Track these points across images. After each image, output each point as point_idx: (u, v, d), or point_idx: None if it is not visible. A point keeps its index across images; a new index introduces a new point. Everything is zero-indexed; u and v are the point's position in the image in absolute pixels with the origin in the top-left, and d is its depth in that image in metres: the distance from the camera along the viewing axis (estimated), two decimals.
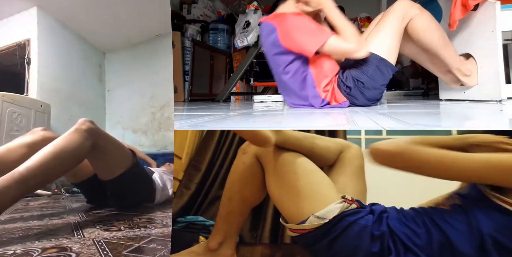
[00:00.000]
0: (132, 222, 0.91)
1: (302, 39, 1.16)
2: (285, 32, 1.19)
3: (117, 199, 1.19)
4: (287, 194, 0.63)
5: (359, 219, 0.57)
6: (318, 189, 0.62)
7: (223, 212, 0.74)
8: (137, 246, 0.64)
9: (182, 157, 1.15)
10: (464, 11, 1.21)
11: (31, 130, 1.11)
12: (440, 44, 1.18)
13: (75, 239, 0.70)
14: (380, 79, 1.19)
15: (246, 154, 0.71)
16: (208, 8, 2.75)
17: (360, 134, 1.32)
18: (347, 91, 1.21)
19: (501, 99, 1.18)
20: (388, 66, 1.19)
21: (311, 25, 1.16)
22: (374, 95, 1.23)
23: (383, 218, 0.57)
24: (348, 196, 0.59)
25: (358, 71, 1.19)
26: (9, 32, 2.55)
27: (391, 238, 0.54)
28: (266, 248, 0.97)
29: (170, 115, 2.82)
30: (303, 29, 1.16)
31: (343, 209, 0.57)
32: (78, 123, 0.93)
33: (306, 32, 1.16)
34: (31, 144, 1.01)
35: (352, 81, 1.19)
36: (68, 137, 0.89)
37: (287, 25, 1.19)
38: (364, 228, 0.55)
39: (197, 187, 1.11)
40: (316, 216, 0.57)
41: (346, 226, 0.56)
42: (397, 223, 0.56)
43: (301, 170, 0.64)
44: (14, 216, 1.02)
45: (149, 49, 3.06)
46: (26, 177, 0.75)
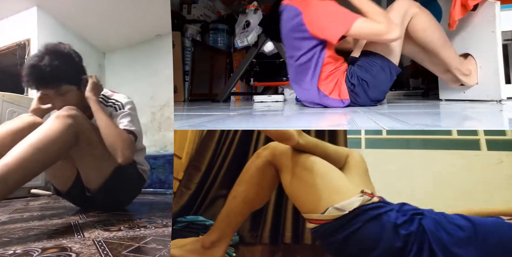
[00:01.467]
0: (132, 222, 0.91)
1: (328, 24, 1.14)
2: (311, 17, 1.18)
3: (106, 207, 1.13)
4: (307, 190, 0.64)
5: (382, 214, 0.57)
6: (337, 184, 0.64)
7: (225, 210, 0.75)
8: (137, 246, 0.64)
9: (182, 156, 1.15)
10: (464, 11, 1.21)
11: (19, 116, 1.02)
12: (439, 44, 1.19)
13: (75, 239, 0.70)
14: (383, 79, 1.20)
15: (260, 157, 0.73)
16: (208, 8, 2.75)
17: (360, 134, 1.32)
18: (351, 88, 1.21)
19: (501, 99, 1.18)
20: (391, 67, 1.19)
21: (337, 9, 1.15)
22: (377, 96, 1.23)
23: (416, 219, 0.57)
24: (367, 190, 0.60)
25: (362, 70, 1.20)
26: (9, 32, 2.55)
27: (418, 240, 0.53)
28: (266, 248, 0.97)
29: (170, 115, 2.82)
30: (329, 13, 1.15)
31: (364, 202, 0.58)
32: (61, 110, 0.85)
33: (332, 16, 1.14)
34: (19, 131, 0.92)
35: (357, 80, 1.20)
36: (48, 125, 0.80)
37: (313, 10, 1.17)
38: (386, 224, 0.55)
39: (197, 187, 1.11)
40: (335, 207, 0.58)
41: (367, 219, 0.56)
42: (434, 228, 0.55)
43: (320, 168, 0.66)
44: (14, 216, 1.02)
45: (149, 49, 3.06)
46: (5, 176, 0.70)
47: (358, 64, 1.22)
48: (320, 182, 0.64)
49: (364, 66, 1.20)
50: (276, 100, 2.08)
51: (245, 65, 2.19)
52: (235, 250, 0.91)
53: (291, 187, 0.68)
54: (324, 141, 0.76)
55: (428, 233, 0.54)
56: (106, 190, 1.02)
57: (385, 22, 1.08)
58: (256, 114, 1.16)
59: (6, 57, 2.57)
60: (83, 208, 1.21)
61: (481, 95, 1.26)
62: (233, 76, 2.25)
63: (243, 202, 0.73)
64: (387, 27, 1.08)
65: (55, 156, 0.82)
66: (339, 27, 1.12)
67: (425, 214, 0.59)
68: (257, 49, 2.13)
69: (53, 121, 0.81)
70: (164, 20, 2.44)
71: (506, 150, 1.18)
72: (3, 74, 2.72)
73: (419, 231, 0.54)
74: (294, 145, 0.68)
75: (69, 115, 0.83)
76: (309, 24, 1.18)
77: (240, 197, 0.73)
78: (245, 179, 0.74)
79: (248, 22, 2.21)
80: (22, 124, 0.95)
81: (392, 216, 0.57)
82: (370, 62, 1.19)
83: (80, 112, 0.87)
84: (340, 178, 0.66)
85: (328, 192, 0.62)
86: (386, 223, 0.55)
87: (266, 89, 2.72)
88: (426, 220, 0.57)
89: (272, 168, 0.72)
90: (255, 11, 2.22)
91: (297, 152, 0.69)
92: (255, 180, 0.73)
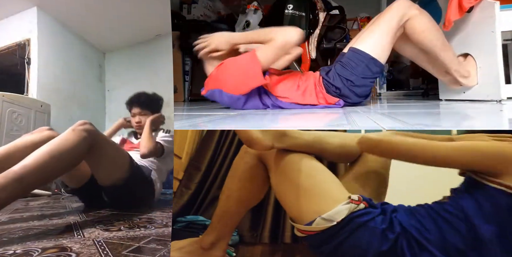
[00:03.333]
0: (132, 222, 0.91)
1: (244, 78, 1.16)
2: (228, 86, 1.19)
3: (117, 205, 1.18)
4: (293, 194, 0.61)
5: (369, 220, 0.55)
6: (324, 189, 0.61)
7: (220, 211, 0.73)
8: (137, 246, 0.64)
9: (182, 156, 1.16)
10: (460, 12, 1.21)
11: (38, 128, 1.12)
12: (438, 45, 1.18)
13: (75, 239, 0.70)
14: (369, 77, 1.18)
15: (248, 153, 0.70)
16: (208, 8, 2.75)
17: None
18: (337, 93, 1.19)
19: (501, 99, 1.18)
20: (378, 66, 1.17)
21: (237, 65, 1.17)
22: (364, 92, 1.21)
23: (393, 218, 0.57)
24: (354, 196, 0.57)
25: (346, 70, 1.17)
26: (9, 32, 2.55)
27: (405, 239, 0.53)
28: (266, 247, 0.97)
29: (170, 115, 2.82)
30: (235, 72, 1.17)
31: (351, 210, 0.56)
32: (76, 124, 0.92)
33: (239, 72, 1.16)
34: (37, 143, 0.99)
35: (340, 81, 1.17)
36: (64, 136, 0.87)
37: (223, 81, 1.19)
38: (374, 230, 0.54)
39: (197, 187, 1.11)
40: (323, 218, 0.55)
41: (355, 228, 0.55)
42: (408, 219, 0.56)
43: (306, 170, 0.62)
44: (14, 216, 1.02)
45: (149, 49, 3.05)
46: (21, 176, 0.74)
47: (341, 63, 1.19)
48: (305, 185, 0.60)
49: (348, 65, 1.17)
50: None
51: None
52: (235, 250, 0.91)
53: (278, 187, 0.65)
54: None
55: (407, 228, 0.54)
56: (117, 187, 1.10)
57: (273, 38, 1.11)
58: (256, 114, 1.16)
59: (6, 57, 2.57)
60: (89, 206, 1.26)
61: (481, 95, 1.26)
62: None
63: (238, 201, 0.71)
64: (280, 37, 1.10)
65: (68, 164, 0.88)
66: (252, 70, 1.12)
67: (397, 210, 0.59)
68: None
69: (69, 133, 0.89)
70: (164, 20, 2.44)
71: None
72: (3, 74, 2.72)
73: (402, 230, 0.54)
74: (269, 149, 0.63)
75: (84, 129, 0.91)
76: (232, 90, 1.19)
77: (234, 196, 0.71)
78: (236, 176, 0.72)
79: (248, 22, 2.21)
80: (40, 137, 1.04)
81: (378, 221, 0.56)
82: (356, 61, 1.16)
83: (93, 126, 0.97)
84: (328, 181, 0.62)
85: (313, 198, 0.59)
86: (374, 229, 0.54)
87: None
88: (400, 216, 0.57)
89: (262, 164, 0.69)
90: (255, 11, 2.22)
91: (283, 150, 0.65)
92: (247, 178, 0.70)
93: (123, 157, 1.12)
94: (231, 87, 1.19)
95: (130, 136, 1.66)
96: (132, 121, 1.61)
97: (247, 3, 2.34)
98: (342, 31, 2.06)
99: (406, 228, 0.54)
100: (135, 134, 1.65)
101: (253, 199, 0.73)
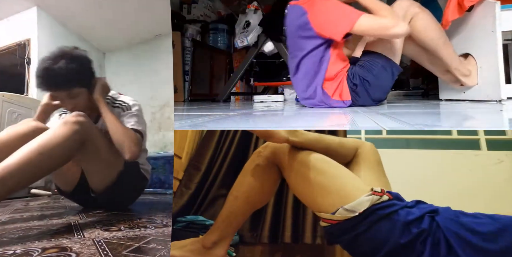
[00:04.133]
0: (132, 222, 0.91)
1: (332, 22, 1.15)
2: (316, 15, 1.18)
3: (110, 207, 1.16)
4: (313, 189, 0.62)
5: (392, 213, 0.56)
6: (344, 182, 0.62)
7: (226, 211, 0.73)
8: (137, 246, 0.64)
9: (182, 156, 1.15)
10: (461, 11, 1.21)
11: (23, 120, 1.03)
12: (439, 44, 1.19)
13: (75, 239, 0.70)
14: (385, 78, 1.20)
15: (261, 156, 0.71)
16: (208, 8, 2.75)
17: (360, 134, 1.32)
18: (353, 88, 1.21)
19: (501, 99, 1.18)
20: (393, 66, 1.19)
21: (342, 7, 1.15)
22: (379, 95, 1.24)
23: (427, 216, 0.56)
24: (377, 188, 0.58)
25: (364, 69, 1.20)
26: (9, 32, 2.55)
27: (432, 237, 0.53)
28: (266, 247, 0.97)
29: (170, 115, 2.82)
30: (333, 12, 1.15)
31: (374, 202, 0.56)
32: (68, 115, 0.86)
33: (336, 14, 1.14)
34: (22, 135, 0.93)
35: (359, 80, 1.20)
36: (55, 131, 0.81)
37: (318, 9, 1.18)
38: (396, 222, 0.54)
39: (197, 187, 1.11)
40: (345, 208, 0.56)
41: (377, 220, 0.55)
42: (449, 223, 0.54)
43: (323, 166, 0.64)
44: (14, 216, 1.02)
45: (149, 49, 3.06)
46: (3, 177, 0.70)
47: (359, 64, 1.22)
48: (323, 180, 0.62)
49: (366, 66, 1.20)
50: (276, 100, 2.08)
51: (245, 65, 2.19)
52: (235, 249, 0.91)
53: (296, 186, 0.66)
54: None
55: (443, 229, 0.53)
56: (110, 191, 1.04)
57: (390, 17, 1.08)
58: (256, 114, 1.17)
59: (6, 57, 2.57)
60: (86, 207, 1.23)
61: (481, 95, 1.26)
62: (233, 76, 2.25)
63: (246, 202, 0.72)
64: (393, 21, 1.08)
65: (59, 161, 0.83)
66: (343, 24, 1.12)
67: (440, 212, 0.58)
68: (257, 49, 2.13)
69: (60, 127, 0.82)
70: (164, 20, 2.44)
71: (506, 149, 1.18)
72: (3, 74, 2.72)
73: (432, 228, 0.54)
74: (284, 142, 0.66)
75: (77, 121, 0.84)
76: (314, 23, 1.18)
77: (242, 197, 0.72)
78: (246, 178, 0.72)
79: (248, 22, 2.21)
80: (26, 129, 0.96)
81: (402, 214, 0.56)
82: (371, 61, 1.19)
83: (87, 118, 0.89)
84: (345, 174, 0.64)
85: (333, 190, 0.60)
86: (396, 222, 0.54)
87: (266, 89, 2.72)
88: (441, 217, 0.56)
89: (274, 166, 0.70)
90: (255, 11, 2.22)
91: (296, 149, 0.67)
92: (257, 180, 0.71)
93: (118, 155, 1.02)
94: (317, 23, 1.17)
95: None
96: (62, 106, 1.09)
97: (247, 3, 2.34)
98: None
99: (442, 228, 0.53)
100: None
101: (261, 200, 0.74)
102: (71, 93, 1.01)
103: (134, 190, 1.22)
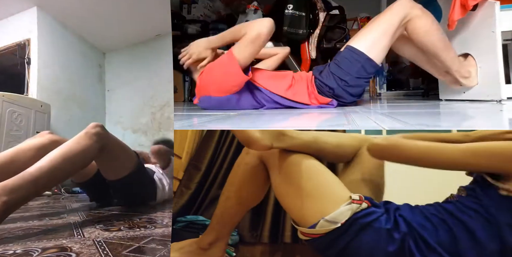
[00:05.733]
0: (132, 222, 0.91)
1: (226, 78, 1.14)
2: (214, 90, 1.18)
3: (121, 198, 1.23)
4: (295, 196, 0.60)
5: (374, 221, 0.54)
6: (327, 191, 0.59)
7: (219, 211, 0.73)
8: (137, 246, 0.64)
9: (182, 156, 1.16)
10: (463, 11, 1.21)
11: (39, 133, 1.16)
12: (440, 46, 1.16)
13: (75, 239, 0.70)
14: (363, 77, 1.16)
15: (250, 154, 0.69)
16: (208, 8, 2.75)
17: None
18: (331, 93, 1.17)
19: (501, 99, 1.18)
20: (373, 66, 1.15)
21: (216, 68, 1.16)
22: (358, 92, 1.20)
23: (397, 217, 0.55)
24: (355, 195, 0.56)
25: (340, 69, 1.15)
26: (9, 32, 2.55)
27: (412, 238, 0.52)
28: (266, 247, 0.97)
29: (170, 115, 2.82)
30: (216, 75, 1.16)
31: (354, 210, 0.54)
32: (89, 127, 0.96)
33: (220, 73, 1.15)
34: (40, 147, 1.04)
35: (334, 81, 1.15)
36: (77, 139, 0.92)
37: (208, 86, 1.18)
38: (379, 231, 0.53)
39: (197, 187, 1.11)
40: (326, 220, 0.54)
41: (360, 229, 0.53)
42: (413, 216, 0.55)
43: (308, 171, 0.61)
44: (14, 216, 1.02)
45: (149, 49, 3.06)
46: (36, 177, 0.77)
47: (336, 64, 1.17)
48: (306, 186, 0.59)
49: (343, 65, 1.15)
50: None
51: None
52: (235, 249, 0.91)
53: (279, 189, 0.63)
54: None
55: (413, 225, 0.53)
56: (124, 181, 1.13)
57: (248, 29, 1.09)
58: (256, 114, 1.16)
59: (6, 57, 2.57)
60: (98, 201, 1.33)
61: (481, 95, 1.26)
62: None
63: (238, 202, 0.71)
64: (252, 30, 1.08)
65: (80, 166, 0.92)
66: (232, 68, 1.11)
67: (400, 208, 0.58)
68: None
69: (82, 137, 0.93)
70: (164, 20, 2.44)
71: None
72: (3, 74, 2.72)
73: (409, 229, 0.53)
74: (267, 149, 0.62)
75: (96, 132, 0.95)
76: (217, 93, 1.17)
77: (233, 197, 0.71)
78: (236, 177, 0.71)
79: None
80: (43, 141, 1.08)
81: (382, 221, 0.54)
82: (352, 61, 1.14)
83: (104, 129, 1.00)
84: (330, 182, 0.61)
85: (314, 199, 0.58)
86: (379, 230, 0.53)
87: None
88: (405, 213, 0.56)
89: (262, 165, 0.68)
90: (255, 11, 2.22)
91: (284, 151, 0.64)
92: (247, 179, 0.69)
93: (131, 157, 1.16)
94: (216, 90, 1.17)
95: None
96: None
97: (247, 3, 2.34)
98: (342, 31, 2.06)
99: (412, 224, 0.53)
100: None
101: (253, 200, 0.72)
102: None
103: (143, 187, 1.27)
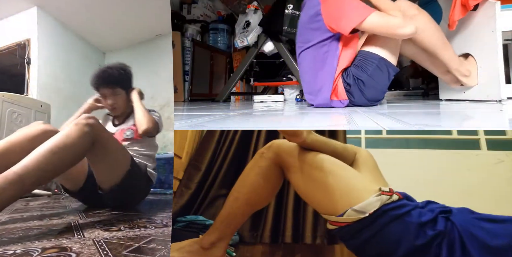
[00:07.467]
0: (132, 222, 0.91)
1: (343, 15, 1.14)
2: (328, 7, 1.18)
3: (116, 205, 1.19)
4: (322, 192, 0.61)
5: (405, 214, 0.54)
6: (352, 183, 0.61)
7: (225, 211, 0.72)
8: (137, 246, 0.64)
9: (182, 156, 1.15)
10: (464, 11, 1.21)
11: (33, 123, 1.09)
12: (438, 45, 1.18)
13: (75, 239, 0.70)
14: (380, 78, 1.19)
15: (264, 157, 0.70)
16: (208, 8, 2.75)
17: (360, 134, 1.32)
18: (347, 88, 1.22)
19: (501, 99, 1.18)
20: (389, 66, 1.19)
21: (354, 2, 1.15)
22: (374, 96, 1.23)
23: (442, 217, 0.54)
24: (385, 187, 0.57)
25: (358, 69, 1.20)
26: (9, 32, 2.55)
27: (448, 239, 0.51)
28: (266, 247, 0.97)
29: (170, 115, 2.82)
30: (346, 5, 1.14)
31: (384, 202, 0.54)
32: (79, 118, 0.89)
33: (348, 8, 1.14)
34: (32, 137, 0.98)
35: (353, 79, 1.20)
36: (67, 132, 0.85)
37: (331, 2, 1.18)
38: (409, 224, 0.53)
39: (197, 187, 1.11)
40: (354, 209, 0.55)
41: (389, 221, 0.53)
42: (468, 224, 0.53)
43: (332, 167, 0.63)
44: (14, 216, 1.02)
45: (149, 49, 3.05)
46: (22, 176, 0.73)
47: (354, 64, 1.22)
48: (332, 181, 0.61)
49: (360, 65, 1.20)
50: (276, 100, 2.08)
51: (245, 65, 2.19)
52: (235, 249, 0.91)
53: (303, 187, 0.65)
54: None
55: (459, 229, 0.52)
56: (117, 189, 1.08)
57: (400, 17, 1.09)
58: (256, 115, 1.16)
59: (6, 57, 2.57)
60: (91, 207, 1.25)
61: (481, 95, 1.26)
62: (233, 76, 2.25)
63: (246, 203, 0.71)
64: (402, 21, 1.08)
65: (71, 161, 0.86)
66: (353, 19, 1.11)
67: (454, 211, 0.57)
68: (257, 49, 2.13)
69: (72, 129, 0.86)
70: (164, 20, 2.44)
71: (506, 149, 1.18)
72: (3, 74, 2.72)
73: (448, 229, 0.52)
74: (301, 143, 0.65)
75: (87, 123, 0.88)
76: (325, 15, 1.18)
77: (242, 198, 0.71)
78: (248, 180, 0.71)
79: (248, 22, 2.21)
80: (36, 131, 1.01)
81: (414, 215, 0.54)
82: (366, 61, 1.19)
83: (97, 121, 0.93)
84: (354, 175, 0.63)
85: (343, 191, 0.59)
86: (409, 224, 0.53)
87: (266, 89, 2.72)
88: (456, 217, 0.54)
89: (277, 168, 0.69)
90: (255, 11, 2.22)
91: (304, 150, 0.66)
92: (259, 182, 0.70)
93: (125, 156, 1.10)
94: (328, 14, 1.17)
95: (105, 122, 1.45)
96: (104, 103, 1.37)
97: (247, 3, 2.34)
98: None
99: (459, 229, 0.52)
100: (113, 120, 1.45)
101: (262, 202, 0.73)
102: (114, 91, 1.34)
103: (139, 190, 1.24)
